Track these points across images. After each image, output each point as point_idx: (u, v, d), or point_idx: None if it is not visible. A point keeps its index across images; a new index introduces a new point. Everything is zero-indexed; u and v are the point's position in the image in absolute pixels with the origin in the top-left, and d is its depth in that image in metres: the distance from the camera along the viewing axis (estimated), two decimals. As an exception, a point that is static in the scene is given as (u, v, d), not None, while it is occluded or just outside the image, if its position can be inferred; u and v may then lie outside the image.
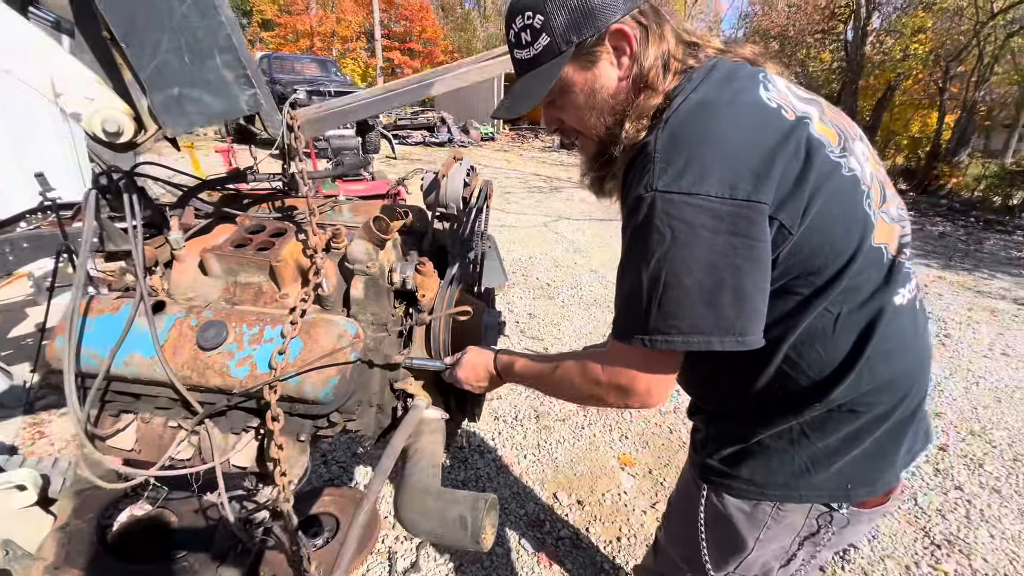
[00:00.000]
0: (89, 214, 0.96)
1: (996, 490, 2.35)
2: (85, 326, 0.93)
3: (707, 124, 0.70)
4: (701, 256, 0.67)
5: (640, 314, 0.71)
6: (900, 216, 0.84)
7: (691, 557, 0.98)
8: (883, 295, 0.77)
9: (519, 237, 6.28)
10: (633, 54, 0.79)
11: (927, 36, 12.56)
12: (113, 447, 0.97)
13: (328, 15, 27.19)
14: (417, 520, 0.82)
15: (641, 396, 0.78)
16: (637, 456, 2.48)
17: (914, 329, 0.83)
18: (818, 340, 0.76)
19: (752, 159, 0.67)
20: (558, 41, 0.78)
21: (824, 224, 0.71)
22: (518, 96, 0.85)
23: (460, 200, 1.32)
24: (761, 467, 0.85)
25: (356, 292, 0.99)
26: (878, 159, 0.86)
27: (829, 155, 0.73)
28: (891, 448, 0.84)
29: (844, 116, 0.84)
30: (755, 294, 0.69)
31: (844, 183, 0.74)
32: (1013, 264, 6.51)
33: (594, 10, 0.76)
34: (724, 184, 0.66)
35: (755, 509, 0.87)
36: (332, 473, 2.24)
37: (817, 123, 0.74)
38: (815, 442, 0.81)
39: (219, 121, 0.93)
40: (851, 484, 0.83)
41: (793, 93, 0.79)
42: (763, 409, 0.84)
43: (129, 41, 0.83)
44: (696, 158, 0.67)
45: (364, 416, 1.01)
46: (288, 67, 12.73)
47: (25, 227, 2.73)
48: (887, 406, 0.81)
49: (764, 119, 0.72)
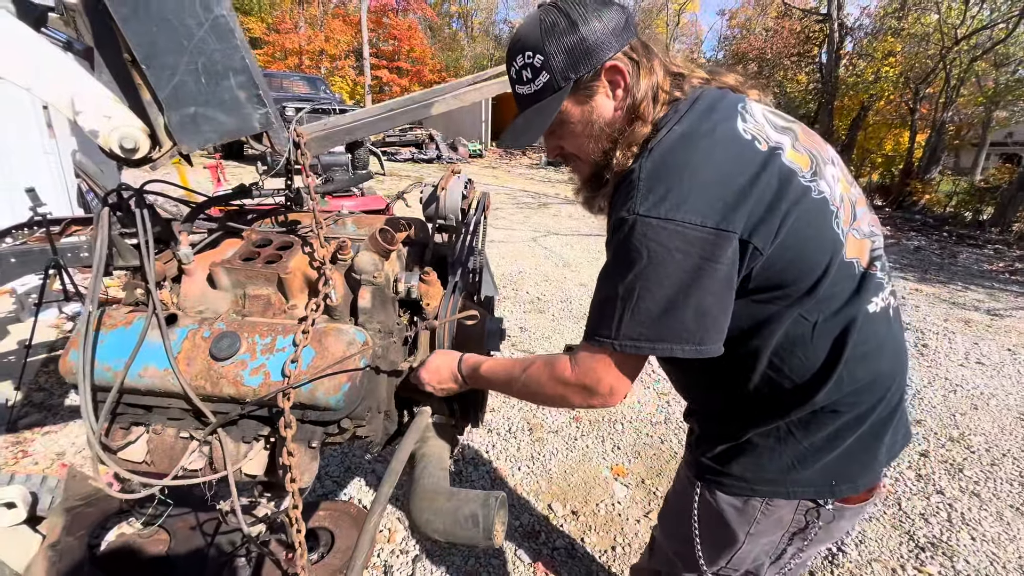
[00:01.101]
0: (103, 230, 0.98)
1: (976, 494, 2.42)
2: (98, 340, 0.95)
3: (687, 156, 0.78)
4: (672, 274, 0.74)
5: (613, 320, 0.78)
6: (871, 232, 0.91)
7: (685, 552, 1.03)
8: (856, 304, 0.83)
9: (509, 252, 6.34)
10: (626, 86, 0.87)
11: (897, 60, 13.12)
12: (124, 459, 0.98)
13: (317, 33, 27.40)
14: (431, 520, 0.84)
15: (604, 395, 0.85)
16: (630, 466, 2.51)
17: (888, 333, 0.89)
18: (798, 346, 0.83)
19: (724, 191, 0.75)
20: (557, 78, 0.85)
21: (795, 244, 0.78)
22: (522, 129, 0.92)
23: (459, 212, 1.36)
24: (751, 464, 0.90)
25: (363, 302, 1.02)
26: (850, 180, 0.93)
27: (800, 181, 0.80)
28: (872, 445, 0.89)
29: (818, 139, 0.91)
30: (716, 310, 0.77)
31: (814, 205, 0.80)
32: (985, 276, 6.75)
33: (590, 49, 0.83)
34: (697, 213, 0.73)
35: (746, 505, 0.92)
36: (326, 488, 2.23)
37: (789, 151, 0.81)
38: (801, 441, 0.87)
39: (233, 138, 0.96)
40: (835, 480, 0.88)
41: (770, 122, 0.86)
42: (752, 410, 0.89)
43: (150, 63, 0.87)
44: (675, 188, 0.75)
45: (373, 422, 1.04)
46: (277, 85, 12.77)
47: (11, 242, 2.70)
48: (867, 406, 0.87)
49: (739, 152, 0.79)
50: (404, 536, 1.99)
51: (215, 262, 1.06)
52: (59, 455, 2.40)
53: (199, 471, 0.96)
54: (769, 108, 0.91)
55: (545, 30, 0.83)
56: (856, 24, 14.79)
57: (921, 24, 12.38)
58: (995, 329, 4.67)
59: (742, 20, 26.33)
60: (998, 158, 18.60)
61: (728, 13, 28.29)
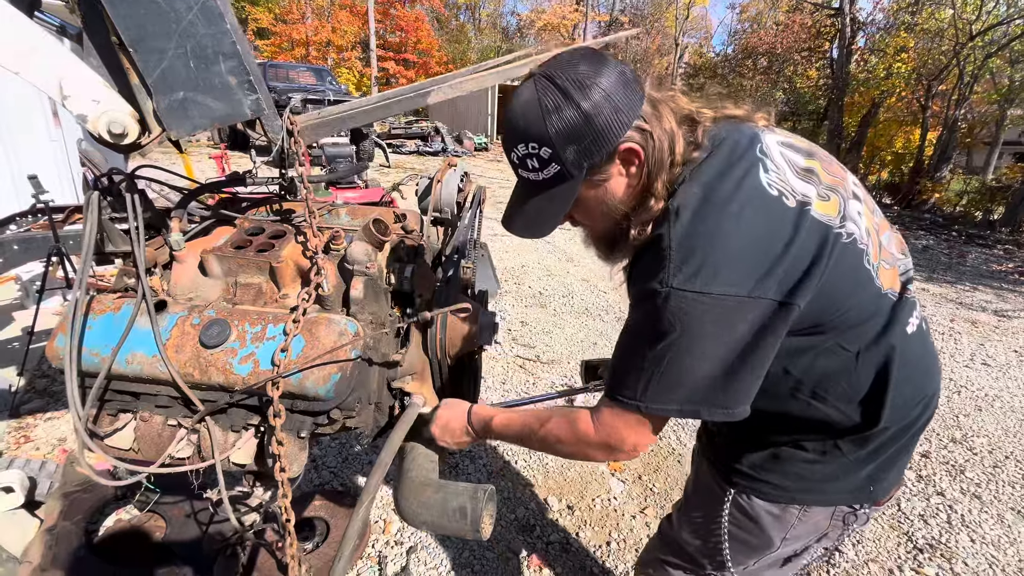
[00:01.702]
0: (91, 215, 0.97)
1: (977, 496, 2.40)
2: (86, 325, 0.94)
3: (717, 222, 0.75)
4: (705, 345, 0.74)
5: (640, 383, 0.78)
6: (900, 256, 0.92)
7: (710, 552, 1.03)
8: (895, 330, 0.84)
9: (512, 246, 6.32)
10: (641, 163, 0.81)
11: (909, 56, 12.90)
12: (112, 446, 0.98)
13: (324, 24, 27.33)
14: (418, 511, 0.84)
15: (627, 452, 0.85)
16: (626, 462, 2.50)
17: (925, 348, 0.92)
18: (841, 377, 0.83)
19: (758, 258, 0.73)
20: (569, 169, 0.79)
21: (831, 291, 0.77)
22: (534, 219, 0.88)
23: (454, 204, 1.35)
24: (792, 474, 0.90)
25: (356, 292, 1.01)
26: (873, 207, 0.91)
27: (832, 232, 0.78)
28: (909, 450, 0.93)
29: (837, 169, 0.88)
30: (747, 376, 0.76)
31: (846, 252, 0.79)
32: (994, 277, 6.66)
33: (601, 136, 0.76)
34: (732, 284, 0.72)
35: (784, 512, 0.92)
36: (323, 478, 2.24)
37: (816, 203, 0.78)
38: (848, 455, 0.88)
39: (222, 124, 0.95)
40: (872, 486, 0.90)
41: (790, 164, 0.82)
42: (796, 430, 0.90)
43: (137, 47, 0.85)
44: (708, 260, 0.73)
45: (363, 413, 1.03)
46: (283, 75, 12.76)
47: (15, 230, 2.70)
48: (912, 418, 0.89)
49: (768, 213, 0.76)
50: (399, 528, 1.99)
51: (206, 249, 1.05)
52: (60, 441, 2.42)
53: (187, 459, 0.96)
54: (783, 138, 0.88)
55: (548, 117, 0.75)
56: (868, 19, 14.57)
57: (935, 19, 12.17)
58: (1002, 330, 4.62)
59: (752, 14, 26.02)
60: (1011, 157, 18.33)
61: (738, 7, 27.98)
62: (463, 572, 1.83)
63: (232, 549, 1.63)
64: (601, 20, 31.14)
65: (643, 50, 31.33)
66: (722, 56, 23.96)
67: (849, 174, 0.90)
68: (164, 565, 1.59)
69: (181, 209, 1.16)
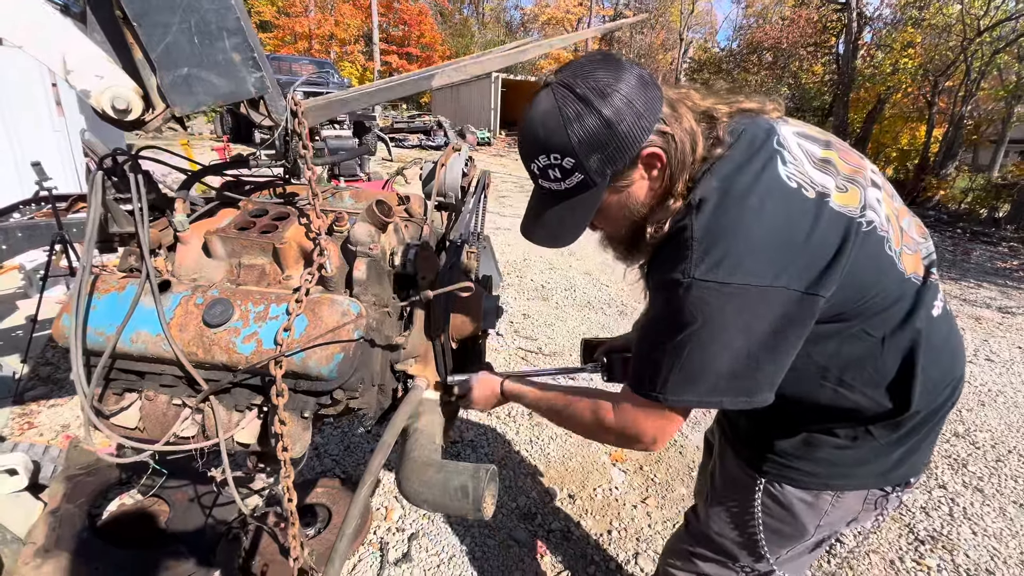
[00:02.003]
0: (96, 194, 0.97)
1: (979, 489, 2.39)
2: (91, 304, 0.94)
3: (739, 215, 0.75)
4: (726, 336, 0.74)
5: (661, 374, 0.78)
6: (921, 240, 0.91)
7: (744, 542, 1.03)
8: (920, 314, 0.83)
9: (515, 239, 6.31)
10: (664, 166, 0.81)
11: (916, 51, 12.81)
12: (117, 425, 0.98)
13: (327, 17, 27.23)
14: (420, 491, 0.84)
15: (647, 444, 0.86)
16: (628, 453, 2.50)
17: (949, 330, 0.91)
18: (867, 362, 0.83)
19: (780, 250, 0.73)
20: (593, 177, 0.78)
21: (854, 280, 0.77)
22: (557, 229, 0.87)
23: (458, 189, 1.34)
24: (824, 460, 0.90)
25: (359, 273, 1.01)
26: (891, 192, 0.91)
27: (853, 222, 0.77)
28: (937, 432, 0.93)
29: (855, 157, 0.88)
30: (770, 367, 0.77)
31: (868, 241, 0.79)
32: (998, 274, 6.64)
33: (624, 142, 0.76)
34: (754, 275, 0.72)
35: (817, 499, 0.92)
36: (325, 466, 2.24)
37: (835, 195, 0.78)
38: (879, 439, 0.88)
39: (226, 102, 0.94)
40: (905, 468, 0.90)
41: (808, 155, 0.82)
42: (825, 418, 0.90)
43: (141, 21, 0.85)
44: (731, 251, 0.73)
45: (366, 395, 1.03)
46: (286, 68, 12.72)
47: (19, 217, 2.71)
48: (942, 400, 0.89)
49: (788, 206, 0.76)
50: (401, 514, 2.00)
51: (210, 230, 1.05)
52: (64, 427, 2.43)
53: (191, 439, 0.96)
54: (799, 129, 0.88)
55: (569, 127, 0.74)
56: (875, 14, 14.46)
57: (943, 14, 12.06)
58: (1006, 327, 4.60)
59: (758, 9, 25.83)
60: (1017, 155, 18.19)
61: (744, 2, 27.80)
62: (465, 558, 1.83)
63: (234, 533, 1.64)
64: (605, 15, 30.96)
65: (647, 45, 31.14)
66: (727, 51, 23.80)
67: (867, 162, 0.90)
68: (166, 548, 1.59)
69: (185, 191, 1.16)
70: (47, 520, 1.54)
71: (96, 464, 1.71)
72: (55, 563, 1.44)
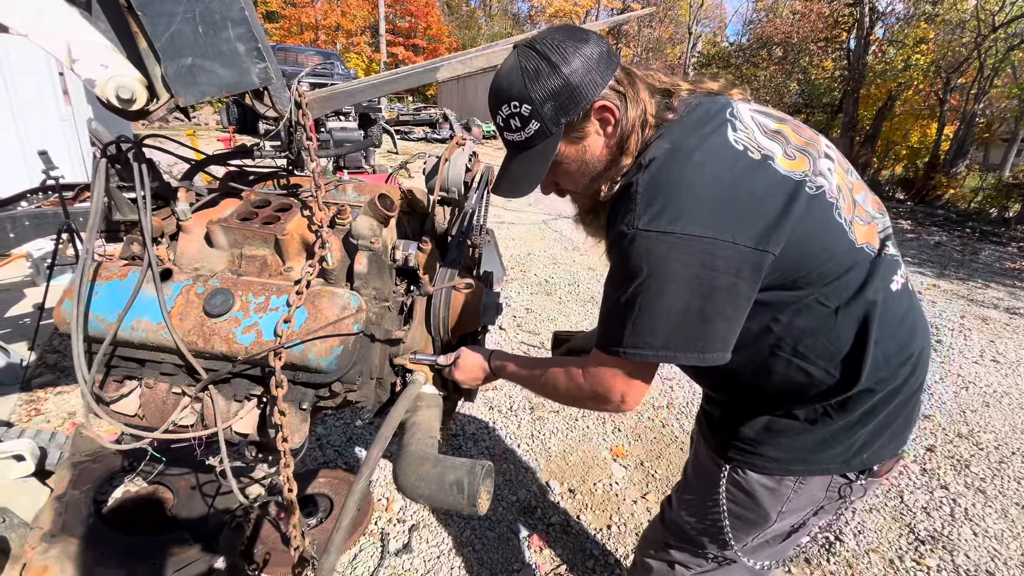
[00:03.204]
0: (99, 182, 0.97)
1: (981, 490, 2.38)
2: (93, 291, 0.95)
3: (681, 170, 0.78)
4: (672, 287, 0.76)
5: (618, 330, 0.81)
6: (874, 215, 0.91)
7: (710, 530, 1.04)
8: (875, 285, 0.83)
9: (518, 234, 6.30)
10: (616, 121, 0.86)
11: (929, 47, 12.62)
12: (117, 412, 0.99)
13: (333, 8, 27.13)
14: (416, 485, 0.84)
15: (615, 403, 0.88)
16: (629, 448, 2.51)
17: (911, 307, 0.90)
18: (821, 333, 0.83)
19: (720, 203, 0.76)
20: (548, 125, 0.84)
21: (802, 242, 0.79)
22: (517, 178, 0.93)
23: (461, 184, 1.34)
24: (784, 445, 0.91)
25: (360, 267, 1.01)
26: (847, 166, 0.93)
27: (798, 182, 0.80)
28: (900, 416, 0.91)
29: (809, 133, 0.91)
30: (718, 319, 0.78)
31: (815, 204, 0.81)
32: (1007, 275, 6.57)
33: (576, 92, 0.82)
34: (695, 224, 0.74)
35: (779, 484, 0.92)
36: (327, 456, 2.26)
37: (780, 158, 0.82)
38: (837, 420, 0.88)
39: (231, 92, 0.94)
40: (866, 453, 0.89)
41: (760, 126, 0.86)
42: (783, 396, 0.90)
43: (146, 9, 0.85)
44: (672, 202, 0.76)
45: (364, 388, 1.03)
46: (292, 59, 12.69)
47: (27, 206, 2.73)
48: (900, 380, 0.87)
49: (732, 163, 0.79)
50: (402, 505, 2.01)
51: (212, 220, 1.05)
52: (70, 414, 2.45)
53: (190, 427, 0.97)
54: (758, 108, 0.91)
55: (528, 77, 0.81)
56: (888, 8, 14.25)
57: (957, 10, 11.87)
58: (1013, 327, 4.56)
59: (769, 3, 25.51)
60: (1030, 154, 17.94)
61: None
62: (464, 550, 1.85)
63: (237, 521, 1.66)
64: (613, 7, 30.69)
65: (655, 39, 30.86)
66: (736, 46, 23.55)
67: (822, 137, 0.92)
68: (170, 535, 1.61)
69: (188, 180, 1.16)
70: (53, 505, 1.56)
71: (101, 451, 1.73)
72: (61, 548, 1.46)
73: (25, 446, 1.67)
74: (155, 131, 0.96)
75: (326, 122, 7.85)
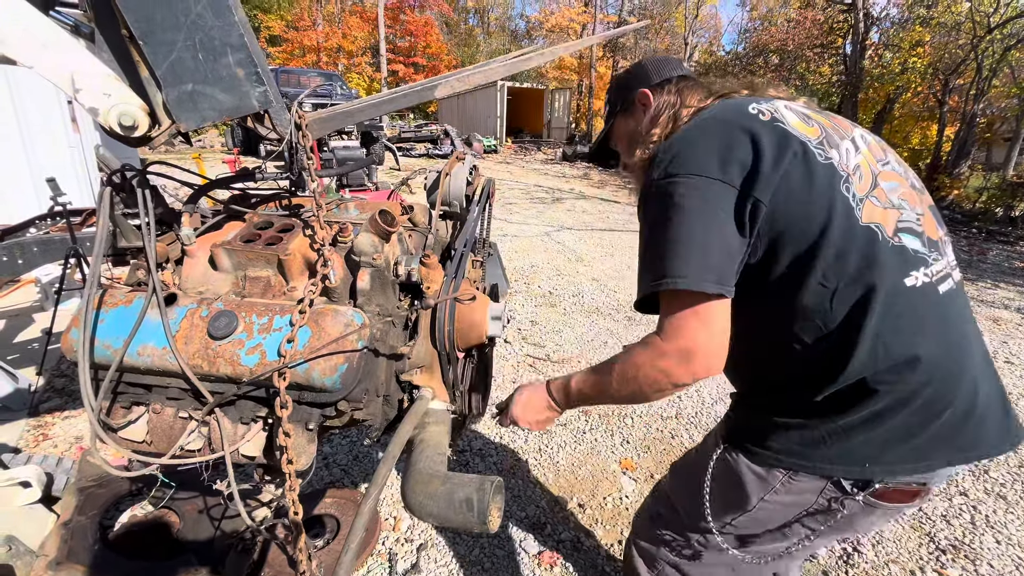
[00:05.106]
0: (104, 210, 0.98)
1: (1002, 496, 2.33)
2: (99, 318, 0.95)
3: (695, 133, 0.92)
4: (681, 217, 0.84)
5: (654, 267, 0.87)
6: (900, 204, 0.88)
7: (692, 507, 1.05)
8: (879, 271, 0.81)
9: (522, 247, 6.31)
10: (650, 105, 1.13)
11: (925, 50, 12.67)
12: (125, 438, 0.98)
13: (334, 30, 27.65)
14: (424, 503, 0.83)
15: (701, 353, 0.83)
16: (639, 460, 2.48)
17: (935, 313, 0.84)
18: (817, 315, 0.83)
19: (719, 149, 0.86)
20: (613, 105, 1.23)
21: (796, 200, 0.82)
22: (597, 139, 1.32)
23: (463, 198, 1.34)
24: (780, 435, 0.90)
25: (362, 283, 1.01)
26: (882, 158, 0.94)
27: (803, 144, 0.86)
28: (917, 434, 0.82)
29: (842, 122, 0.97)
30: (717, 249, 0.83)
31: (818, 168, 0.84)
32: (1016, 274, 6.50)
33: (628, 85, 1.19)
34: (695, 166, 0.85)
35: (768, 473, 0.92)
36: (334, 476, 2.24)
37: (795, 123, 0.89)
38: (835, 418, 0.85)
39: (231, 116, 0.95)
40: (869, 463, 0.84)
41: (787, 106, 0.94)
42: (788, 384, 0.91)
43: (147, 39, 0.86)
44: (679, 153, 0.89)
45: (370, 406, 1.03)
46: (295, 80, 12.91)
47: (35, 232, 2.77)
48: (909, 388, 0.81)
49: (739, 119, 0.89)
50: (409, 525, 1.99)
51: (216, 243, 1.06)
52: (77, 439, 2.46)
53: (198, 451, 0.96)
54: (801, 104, 1.00)
55: (613, 80, 1.28)
56: (882, 13, 14.35)
57: (951, 12, 11.93)
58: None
59: (763, 12, 25.77)
60: (1032, 152, 17.85)
61: (749, 4, 27.74)
62: (473, 569, 1.82)
63: (244, 544, 1.64)
64: (610, 21, 31.07)
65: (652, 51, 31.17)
66: (732, 54, 23.75)
67: (859, 129, 0.97)
68: (177, 559, 1.60)
69: (192, 204, 1.17)
70: (59, 532, 1.55)
71: (107, 476, 1.73)
72: (67, 575, 1.45)
73: (32, 472, 1.67)
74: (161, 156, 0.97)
75: (328, 141, 7.95)
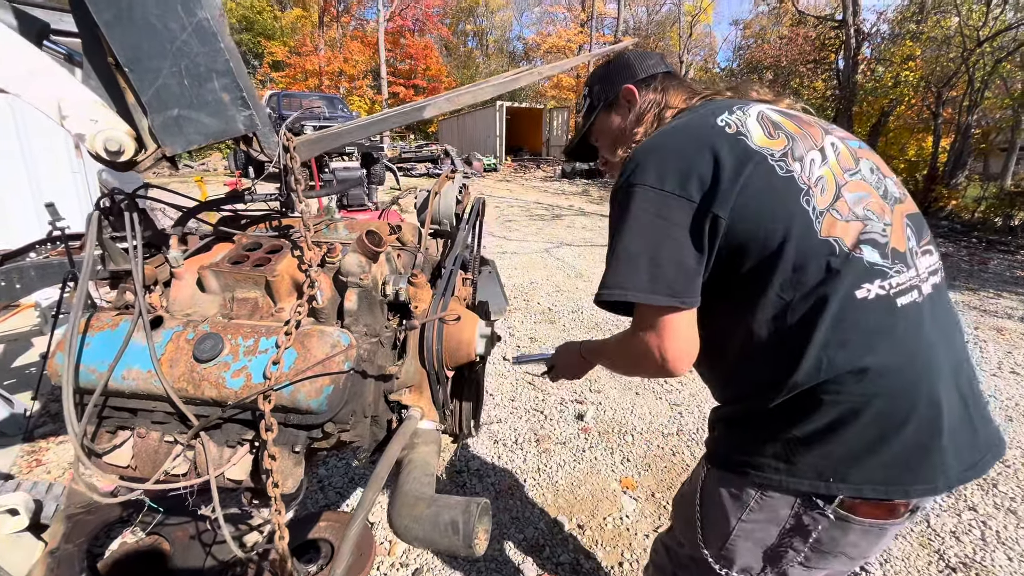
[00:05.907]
0: (92, 233, 0.99)
1: (1012, 511, 2.28)
2: (84, 342, 0.95)
3: (661, 140, 0.93)
4: (635, 228, 0.87)
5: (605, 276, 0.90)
6: (865, 215, 0.86)
7: (688, 533, 1.05)
8: (833, 284, 0.80)
9: (521, 263, 6.33)
10: (633, 102, 1.12)
11: (917, 64, 12.84)
12: (110, 463, 0.97)
13: (336, 55, 28.21)
14: (409, 526, 0.81)
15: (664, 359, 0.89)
16: (639, 479, 2.43)
17: (895, 328, 0.82)
18: (774, 326, 0.85)
19: (678, 162, 0.86)
20: (594, 100, 1.19)
21: (754, 214, 0.83)
22: (574, 138, 1.29)
23: (453, 216, 1.35)
24: (747, 450, 0.91)
25: (349, 304, 1.00)
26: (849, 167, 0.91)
27: (763, 158, 0.86)
28: (879, 449, 0.80)
29: (812, 128, 0.95)
30: (668, 264, 0.85)
31: (777, 181, 0.85)
32: (1019, 283, 6.47)
33: (612, 79, 1.16)
34: (654, 178, 0.87)
35: (741, 492, 0.91)
36: (328, 499, 2.21)
37: (758, 136, 0.89)
38: (790, 429, 0.85)
39: (216, 140, 0.96)
40: (832, 477, 0.82)
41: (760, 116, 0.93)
42: (748, 396, 0.92)
43: (133, 67, 0.88)
44: (643, 161, 0.90)
45: (358, 427, 1.01)
46: (296, 104, 13.11)
47: (35, 257, 2.80)
48: (856, 400, 0.80)
49: (702, 132, 0.90)
50: (404, 549, 1.95)
51: (203, 265, 1.06)
52: (70, 464, 2.43)
53: (183, 476, 0.95)
54: (780, 109, 0.98)
55: (593, 71, 1.23)
56: (873, 29, 14.58)
57: (941, 27, 12.12)
58: (1030, 337, 4.46)
59: (756, 30, 26.23)
60: (1029, 162, 17.94)
61: (742, 23, 28.25)
62: (471, 595, 1.78)
63: (235, 571, 1.61)
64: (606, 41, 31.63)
65: (648, 68, 31.54)
66: (727, 71, 24.10)
67: (833, 135, 0.95)
68: (167, 588, 1.56)
69: (179, 227, 1.18)
70: (46, 561, 1.52)
71: (96, 502, 1.70)
72: (53, 606, 1.42)
73: (19, 500, 1.64)
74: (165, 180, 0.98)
75: (329, 162, 8.03)
